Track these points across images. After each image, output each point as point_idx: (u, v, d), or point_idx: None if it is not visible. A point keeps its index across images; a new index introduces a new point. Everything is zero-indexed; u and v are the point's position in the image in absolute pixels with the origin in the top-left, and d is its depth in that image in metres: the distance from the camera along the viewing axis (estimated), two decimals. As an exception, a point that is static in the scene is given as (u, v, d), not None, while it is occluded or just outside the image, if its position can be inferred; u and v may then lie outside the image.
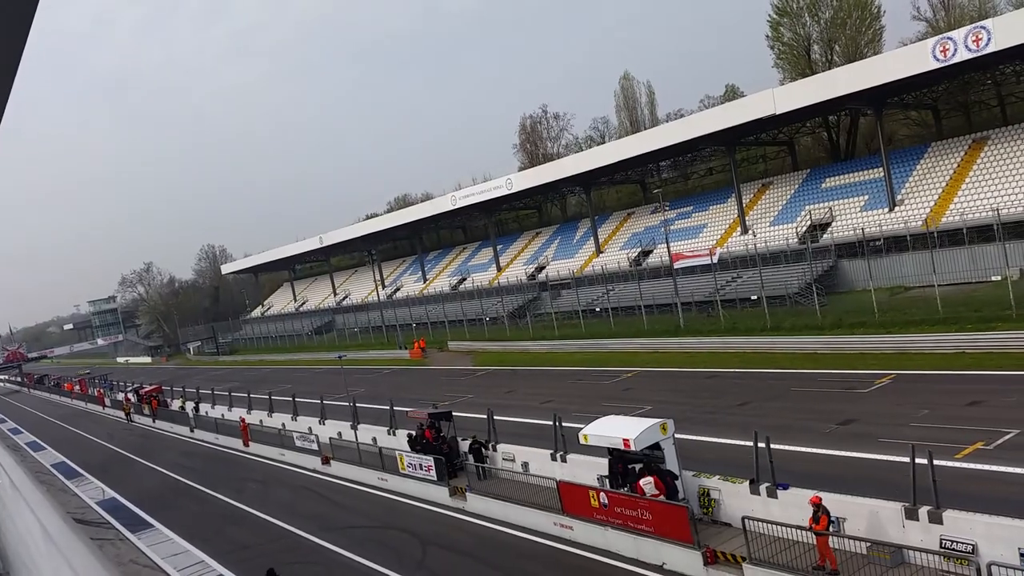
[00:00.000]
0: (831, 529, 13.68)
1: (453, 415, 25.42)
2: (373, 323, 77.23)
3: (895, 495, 13.86)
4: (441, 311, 70.13)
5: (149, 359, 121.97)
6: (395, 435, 27.72)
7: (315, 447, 30.70)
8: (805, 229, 48.85)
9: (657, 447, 16.93)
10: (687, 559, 15.20)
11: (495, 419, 23.75)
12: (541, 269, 69.61)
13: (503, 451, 22.99)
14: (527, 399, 34.58)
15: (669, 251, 48.42)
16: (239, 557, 21.34)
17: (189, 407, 47.41)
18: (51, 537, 3.80)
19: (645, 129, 71.12)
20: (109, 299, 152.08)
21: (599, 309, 54.96)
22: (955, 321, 30.96)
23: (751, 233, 51.38)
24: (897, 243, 42.43)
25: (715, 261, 45.43)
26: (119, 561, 21.47)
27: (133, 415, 53.94)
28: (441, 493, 22.94)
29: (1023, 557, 11.63)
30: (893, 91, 44.07)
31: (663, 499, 16.11)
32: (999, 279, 35.06)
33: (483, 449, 23.23)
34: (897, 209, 44.81)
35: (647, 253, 59.51)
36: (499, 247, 77.25)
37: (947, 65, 38.04)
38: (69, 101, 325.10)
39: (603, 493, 17.42)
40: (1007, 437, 18.56)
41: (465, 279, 78.62)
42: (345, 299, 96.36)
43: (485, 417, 23.77)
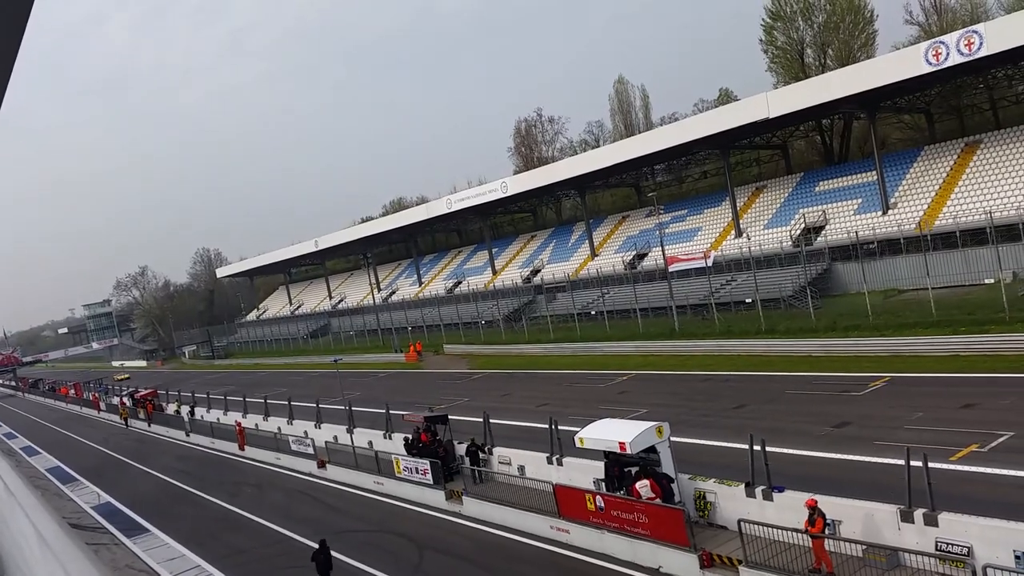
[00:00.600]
0: (827, 532, 13.70)
1: (449, 418, 25.41)
2: (369, 326, 77.14)
3: (890, 498, 13.90)
4: (437, 314, 70.11)
5: (144, 363, 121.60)
6: (391, 439, 27.70)
7: (311, 451, 30.61)
8: (799, 232, 48.99)
9: (653, 450, 16.96)
10: (683, 562, 15.22)
11: (491, 422, 23.74)
12: (536, 272, 69.65)
13: (499, 454, 23.00)
14: (523, 402, 34.57)
15: (664, 254, 48.50)
16: (235, 562, 21.30)
17: (184, 411, 47.29)
18: (46, 542, 3.79)
19: (640, 133, 71.20)
20: (104, 302, 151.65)
21: (594, 312, 55.01)
22: (949, 324, 31.05)
23: (745, 236, 51.49)
24: (891, 246, 42.59)
25: (710, 264, 45.48)
26: (115, 566, 21.41)
27: (130, 419, 53.74)
28: (437, 497, 22.91)
29: (1018, 559, 11.68)
30: (886, 95, 44.26)
31: (659, 502, 16.13)
32: (992, 282, 35.21)
33: (480, 452, 23.23)
34: (891, 212, 44.97)
35: (642, 256, 59.59)
36: (494, 250, 77.29)
37: (940, 69, 38.19)
38: (62, 101, 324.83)
39: (599, 496, 17.43)
40: (1001, 440, 18.62)
41: (461, 282, 78.62)
42: (341, 302, 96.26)
43: (481, 420, 23.75)
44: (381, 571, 18.48)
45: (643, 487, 16.35)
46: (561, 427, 20.81)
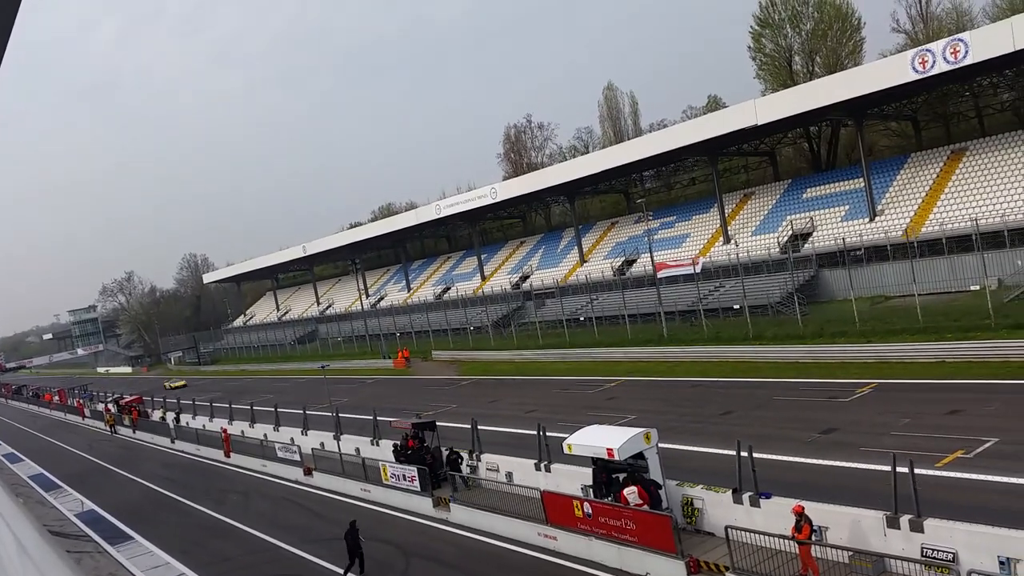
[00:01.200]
0: (813, 538, 13.73)
1: (437, 425, 25.31)
2: (357, 332, 76.89)
3: (876, 504, 13.94)
4: (425, 320, 69.99)
5: (130, 369, 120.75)
6: (378, 445, 27.58)
7: (297, 458, 30.45)
8: (787, 239, 49.23)
9: (641, 456, 16.96)
10: (671, 569, 15.19)
11: (479, 429, 23.68)
12: (525, 278, 69.66)
13: (487, 461, 22.92)
14: (511, 408, 34.53)
15: (652, 260, 48.63)
16: (220, 570, 21.12)
17: (170, 418, 46.95)
18: (26, 550, 3.73)
19: (629, 139, 71.42)
20: (89, 308, 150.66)
21: (583, 318, 55.04)
22: (935, 330, 31.26)
23: (733, 243, 51.70)
24: (878, 253, 42.86)
25: (698, 270, 45.56)
26: (98, 574, 21.20)
27: (116, 426, 53.28)
28: (424, 504, 22.81)
29: (1002, 565, 11.74)
30: (873, 102, 44.57)
31: (647, 509, 16.11)
32: (977, 288, 35.46)
33: (459, 460, 23.13)
34: (877, 219, 45.27)
35: (631, 262, 59.71)
36: (483, 256, 77.26)
37: (926, 77, 38.57)
38: (49, 108, 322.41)
39: (587, 503, 17.39)
40: (986, 446, 18.73)
41: (449, 288, 78.50)
42: (328, 308, 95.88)
43: (469, 427, 23.69)
44: (368, 579, 18.36)
45: (631, 493, 16.33)
46: (549, 433, 20.76)
